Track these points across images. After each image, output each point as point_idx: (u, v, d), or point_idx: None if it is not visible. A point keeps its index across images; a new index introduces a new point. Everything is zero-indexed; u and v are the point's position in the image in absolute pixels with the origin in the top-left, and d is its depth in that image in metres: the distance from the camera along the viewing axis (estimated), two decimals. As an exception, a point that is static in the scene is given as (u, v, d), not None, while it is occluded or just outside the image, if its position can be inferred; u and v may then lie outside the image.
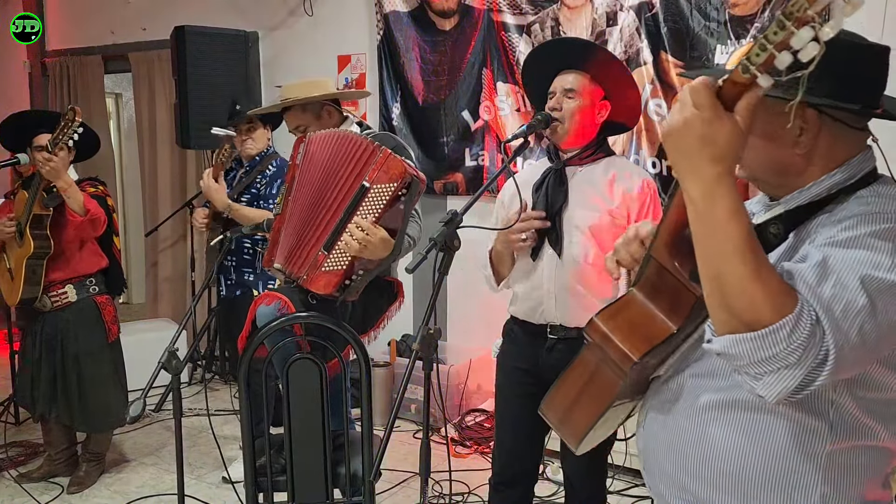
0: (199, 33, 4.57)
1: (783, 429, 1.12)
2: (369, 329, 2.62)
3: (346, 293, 2.32)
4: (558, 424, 1.43)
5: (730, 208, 0.97)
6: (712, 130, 0.97)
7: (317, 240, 2.35)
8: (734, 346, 0.97)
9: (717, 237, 0.98)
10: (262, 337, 2.20)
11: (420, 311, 4.36)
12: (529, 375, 2.29)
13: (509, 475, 2.37)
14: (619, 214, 2.19)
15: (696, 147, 0.98)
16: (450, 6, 4.22)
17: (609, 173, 2.24)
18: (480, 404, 4.12)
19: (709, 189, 0.98)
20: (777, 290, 0.96)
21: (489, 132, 4.19)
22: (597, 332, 1.28)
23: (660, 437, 1.27)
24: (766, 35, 0.86)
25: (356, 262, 2.30)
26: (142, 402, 2.11)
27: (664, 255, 1.21)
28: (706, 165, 0.98)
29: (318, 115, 2.71)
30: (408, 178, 2.24)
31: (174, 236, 5.59)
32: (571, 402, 1.37)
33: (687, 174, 1.01)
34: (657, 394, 1.30)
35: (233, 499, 2.91)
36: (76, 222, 3.12)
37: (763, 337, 0.94)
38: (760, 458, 1.14)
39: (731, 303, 0.97)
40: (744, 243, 0.97)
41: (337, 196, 2.31)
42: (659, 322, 1.23)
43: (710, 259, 0.99)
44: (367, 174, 2.25)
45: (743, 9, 3.36)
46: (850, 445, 1.11)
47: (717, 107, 0.96)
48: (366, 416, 2.27)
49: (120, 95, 7.20)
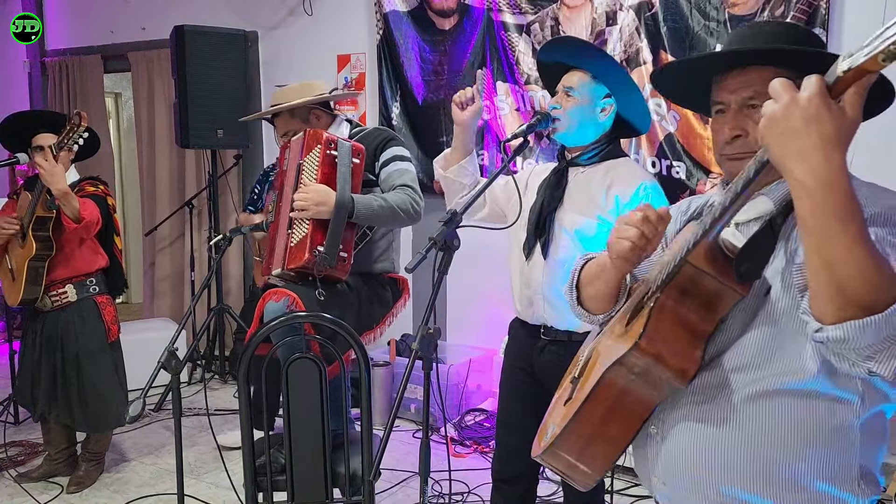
0: (199, 33, 4.57)
1: (822, 409, 1.13)
2: (376, 326, 2.64)
3: (324, 260, 2.35)
4: (569, 469, 1.28)
5: (848, 193, 0.94)
6: (819, 111, 0.92)
7: (284, 229, 2.49)
8: (859, 330, 0.95)
9: (835, 226, 0.94)
10: (262, 336, 2.20)
11: (420, 310, 4.34)
12: (527, 374, 2.29)
13: (509, 473, 2.37)
14: (610, 221, 2.15)
15: (803, 130, 0.93)
16: (449, 5, 4.22)
17: (608, 178, 2.19)
18: (480, 404, 4.12)
19: (823, 174, 0.93)
20: (888, 269, 0.95)
21: (489, 132, 4.19)
22: (644, 356, 1.16)
23: (695, 446, 1.21)
24: None
25: (317, 227, 2.39)
26: (141, 401, 2.11)
27: (704, 262, 1.17)
28: (816, 150, 0.93)
29: (305, 119, 2.72)
30: (329, 139, 2.43)
31: (172, 236, 5.58)
32: (591, 436, 1.24)
33: (796, 161, 0.95)
34: (681, 401, 1.23)
35: (232, 498, 2.91)
36: (70, 227, 3.12)
37: (887, 318, 0.93)
38: (806, 443, 1.14)
39: (851, 289, 0.95)
40: (862, 228, 0.95)
41: (292, 186, 2.49)
42: (695, 326, 1.18)
43: (827, 249, 0.95)
44: (302, 154, 2.49)
45: (742, 8, 3.36)
46: (874, 412, 1.14)
47: (823, 93, 0.92)
48: (365, 416, 2.27)
49: (119, 95, 7.20)
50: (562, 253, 2.17)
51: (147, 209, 5.74)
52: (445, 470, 2.83)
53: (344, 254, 2.40)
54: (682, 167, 3.58)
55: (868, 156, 3.20)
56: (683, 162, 3.58)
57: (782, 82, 0.95)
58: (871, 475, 1.17)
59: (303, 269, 2.37)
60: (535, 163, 4.00)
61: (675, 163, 3.60)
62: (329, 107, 2.79)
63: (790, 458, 1.14)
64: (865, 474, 1.16)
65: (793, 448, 1.14)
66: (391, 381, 4.16)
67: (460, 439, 3.83)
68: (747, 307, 1.19)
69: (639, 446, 1.31)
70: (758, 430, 1.16)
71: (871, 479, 1.17)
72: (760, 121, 0.98)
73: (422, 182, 4.25)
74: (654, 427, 1.26)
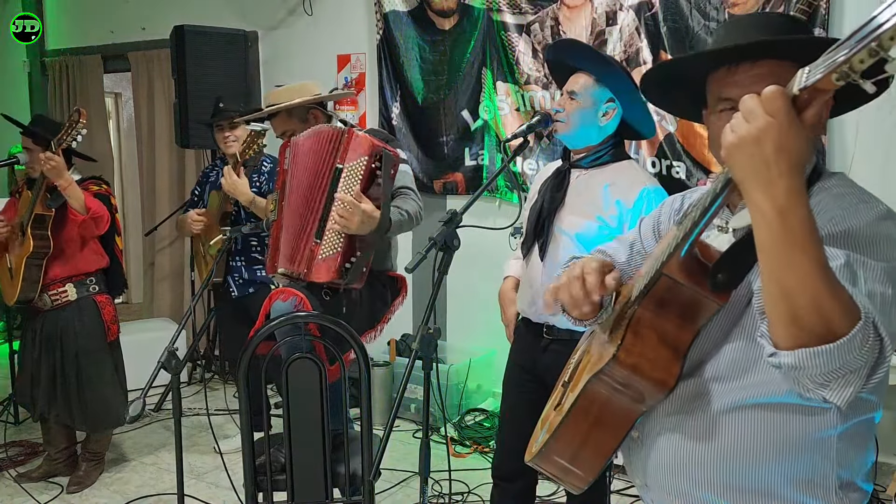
0: (199, 33, 4.57)
1: (797, 421, 1.13)
2: (377, 323, 2.65)
3: (349, 277, 2.33)
4: (561, 473, 1.30)
5: (805, 222, 0.92)
6: (788, 139, 0.90)
7: (309, 234, 2.41)
8: (811, 359, 0.94)
9: (792, 254, 0.93)
10: (263, 335, 2.20)
11: (420, 310, 4.35)
12: (528, 373, 2.29)
13: (507, 471, 2.37)
14: (611, 224, 2.15)
15: (772, 158, 0.91)
16: (449, 5, 4.22)
17: (610, 181, 2.19)
18: (480, 404, 4.12)
19: (784, 203, 0.92)
20: (845, 298, 0.94)
21: (489, 132, 4.19)
22: (622, 368, 1.17)
23: (673, 454, 1.22)
24: (880, 42, 0.78)
25: (350, 242, 2.34)
26: (141, 401, 2.11)
27: (679, 273, 1.16)
28: (782, 177, 0.91)
29: (303, 119, 2.73)
30: (376, 150, 2.34)
31: (172, 235, 5.58)
32: (579, 444, 1.25)
33: (759, 189, 0.93)
34: (661, 409, 1.24)
35: (232, 498, 2.91)
36: (78, 221, 3.13)
37: (839, 348, 0.92)
38: (780, 454, 1.14)
39: (806, 318, 0.93)
40: (820, 257, 0.93)
41: (320, 188, 2.40)
42: (674, 338, 1.18)
43: (783, 275, 0.94)
44: (339, 157, 2.38)
45: (742, 8, 3.36)
46: (853, 422, 1.14)
47: (792, 114, 0.91)
48: (365, 416, 2.27)
49: (119, 95, 7.19)
50: (561, 254, 2.16)
51: (147, 209, 5.74)
52: (445, 470, 2.82)
53: (365, 269, 2.40)
54: (682, 167, 3.58)
55: (868, 162, 3.22)
56: (683, 162, 3.58)
57: (754, 99, 0.92)
58: (851, 484, 1.17)
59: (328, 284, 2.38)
60: (535, 163, 4.00)
61: (675, 163, 3.60)
62: (326, 107, 2.80)
63: (765, 468, 1.15)
64: (845, 484, 1.16)
65: (767, 458, 1.15)
66: (391, 381, 4.16)
67: (460, 439, 3.84)
68: (730, 315, 1.18)
69: (624, 450, 1.33)
70: (733, 439, 1.16)
71: (852, 488, 1.17)
72: (726, 134, 0.95)
73: (421, 182, 4.29)
74: (636, 432, 1.27)
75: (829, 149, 3.28)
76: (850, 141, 3.25)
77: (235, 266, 3.50)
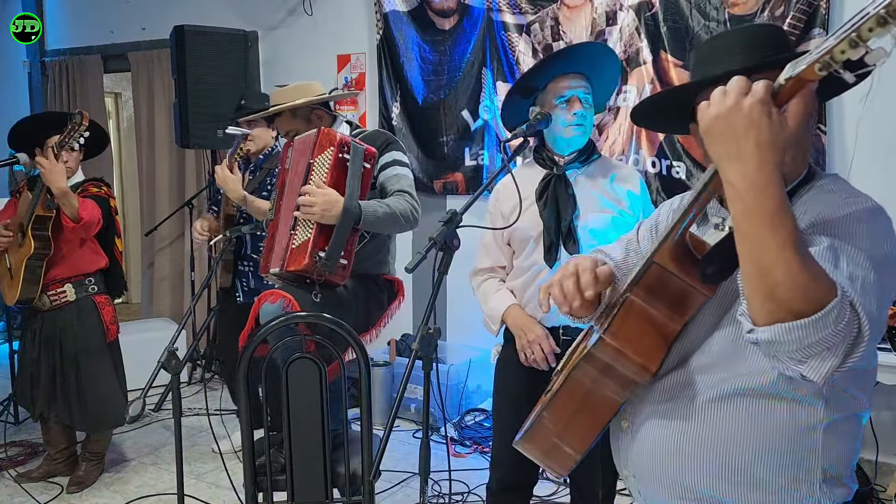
0: (199, 33, 4.57)
1: (784, 411, 1.15)
2: (371, 327, 2.63)
3: (323, 264, 2.33)
4: (543, 456, 1.35)
5: (778, 200, 0.97)
6: (760, 117, 0.96)
7: (288, 229, 2.45)
8: (786, 334, 0.97)
9: (765, 231, 0.97)
10: (263, 335, 2.20)
11: (420, 310, 4.35)
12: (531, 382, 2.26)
13: (509, 483, 2.35)
14: (629, 213, 2.21)
15: (741, 131, 0.97)
16: (449, 5, 4.22)
17: (608, 174, 2.24)
18: (480, 404, 4.12)
19: (755, 179, 0.97)
20: (821, 275, 0.97)
21: (489, 132, 4.19)
22: (607, 349, 1.21)
23: (661, 443, 1.24)
24: (859, 33, 0.83)
25: (320, 230, 2.36)
26: (141, 401, 2.11)
27: (670, 262, 1.19)
28: (753, 154, 0.96)
29: (307, 118, 2.73)
30: (343, 142, 2.38)
31: (172, 236, 5.58)
32: (562, 428, 1.29)
33: (733, 163, 0.99)
34: (650, 398, 1.26)
35: (232, 498, 2.91)
36: (69, 227, 3.13)
37: (814, 322, 0.95)
38: (766, 445, 1.16)
39: (781, 293, 0.97)
40: (793, 234, 0.97)
41: (300, 185, 2.44)
42: (662, 325, 1.21)
43: (758, 251, 0.98)
44: (313, 154, 2.44)
45: (742, 8, 3.36)
46: (841, 417, 1.16)
47: (766, 96, 0.96)
48: (365, 416, 2.27)
49: (119, 95, 7.20)
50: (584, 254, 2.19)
51: (147, 209, 5.74)
52: (445, 470, 2.82)
53: (344, 261, 2.38)
54: (681, 167, 3.58)
55: (868, 162, 3.23)
56: (683, 162, 3.58)
57: (738, 82, 0.99)
58: (836, 479, 1.18)
59: (301, 273, 2.37)
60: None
61: (675, 163, 3.60)
62: (330, 107, 2.80)
63: (751, 459, 1.17)
64: (830, 479, 1.17)
65: (753, 449, 1.17)
66: (391, 381, 4.16)
67: (460, 439, 3.84)
68: (718, 307, 1.21)
69: (612, 440, 1.36)
70: (720, 430, 1.18)
71: (836, 483, 1.18)
72: (703, 109, 1.02)
73: (421, 182, 4.28)
74: (626, 422, 1.30)
75: (829, 149, 3.28)
76: (850, 141, 3.26)
77: (243, 270, 3.49)
